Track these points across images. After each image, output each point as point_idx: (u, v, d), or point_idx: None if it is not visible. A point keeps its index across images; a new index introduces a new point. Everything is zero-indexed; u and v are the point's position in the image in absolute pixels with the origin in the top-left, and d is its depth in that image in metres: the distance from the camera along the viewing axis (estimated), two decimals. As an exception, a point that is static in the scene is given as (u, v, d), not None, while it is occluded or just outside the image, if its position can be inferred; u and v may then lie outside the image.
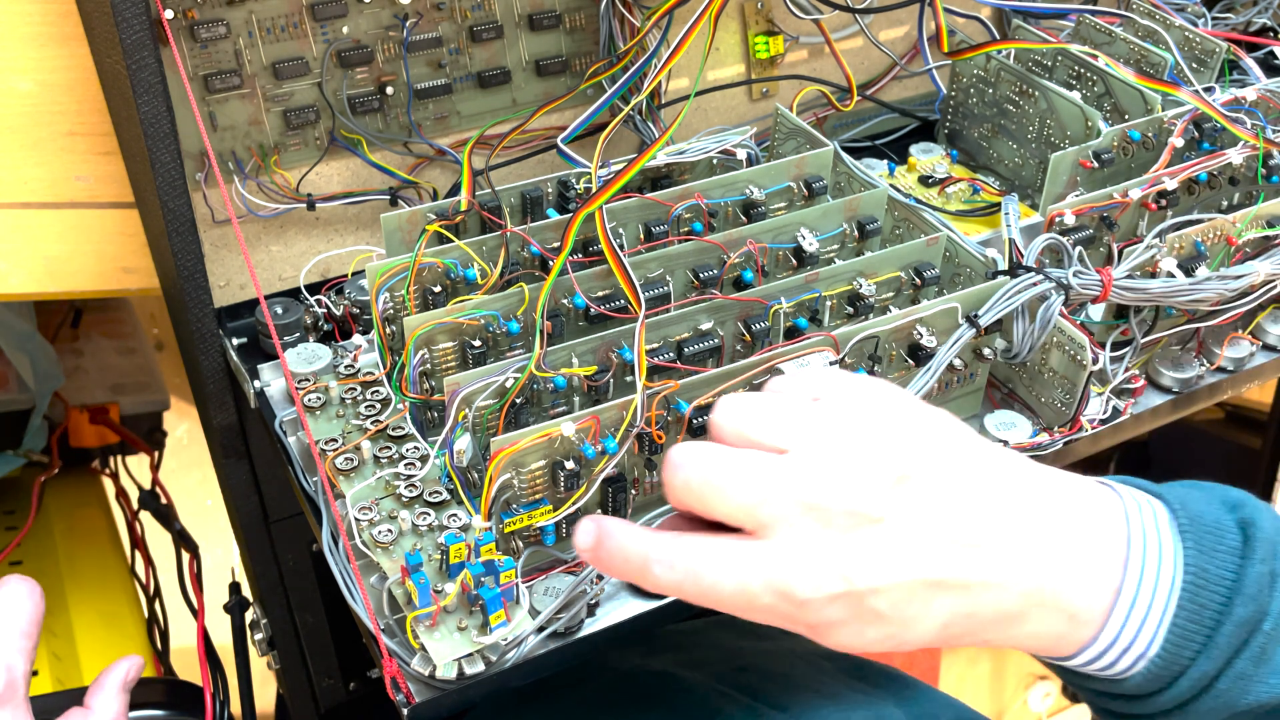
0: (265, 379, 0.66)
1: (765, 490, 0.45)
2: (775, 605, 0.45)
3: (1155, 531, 0.49)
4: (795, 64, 0.86)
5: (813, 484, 0.45)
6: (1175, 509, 0.49)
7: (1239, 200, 0.76)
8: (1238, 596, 0.47)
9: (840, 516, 0.45)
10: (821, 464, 0.45)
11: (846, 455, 0.46)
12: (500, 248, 0.63)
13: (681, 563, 0.46)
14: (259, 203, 0.71)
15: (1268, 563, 0.48)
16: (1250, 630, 0.48)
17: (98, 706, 0.61)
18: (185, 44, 0.66)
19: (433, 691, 0.51)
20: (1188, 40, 0.84)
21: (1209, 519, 0.49)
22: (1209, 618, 0.47)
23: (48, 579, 0.96)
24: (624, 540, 0.47)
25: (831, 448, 0.46)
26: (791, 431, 0.46)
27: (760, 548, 0.45)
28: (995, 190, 0.81)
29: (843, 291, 0.64)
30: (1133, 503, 0.50)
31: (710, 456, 0.46)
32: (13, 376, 1.06)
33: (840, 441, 0.46)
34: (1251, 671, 0.48)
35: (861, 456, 0.46)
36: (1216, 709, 0.48)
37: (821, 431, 0.46)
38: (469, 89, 0.75)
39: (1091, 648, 0.48)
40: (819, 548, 0.45)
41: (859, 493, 0.45)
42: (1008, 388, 0.68)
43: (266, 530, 0.78)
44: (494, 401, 0.56)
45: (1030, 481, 0.48)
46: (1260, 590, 0.48)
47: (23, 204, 0.75)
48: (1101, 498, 0.50)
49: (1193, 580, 0.48)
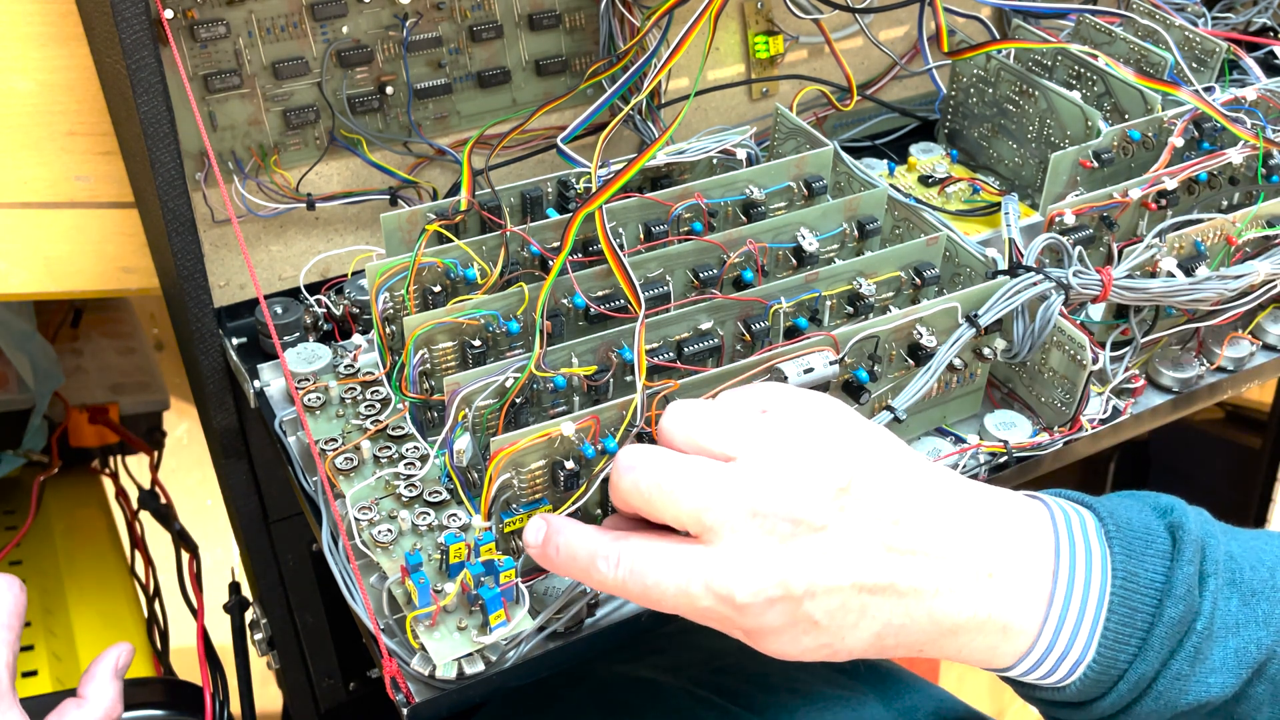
0: (265, 379, 0.66)
1: (711, 496, 0.46)
2: (714, 608, 0.47)
3: (1084, 540, 0.50)
4: (795, 64, 0.86)
5: (758, 491, 0.46)
6: (1103, 517, 0.51)
7: (1239, 200, 0.75)
8: (1168, 598, 0.49)
9: (783, 523, 0.46)
10: (767, 473, 0.47)
11: (791, 465, 0.47)
12: (500, 248, 0.63)
13: (626, 561, 0.47)
14: (259, 203, 0.71)
15: (1195, 564, 0.49)
16: (1183, 631, 0.49)
17: (92, 694, 0.61)
18: (185, 44, 0.66)
19: (433, 691, 0.51)
20: (1188, 40, 0.84)
21: (1137, 524, 0.51)
22: (1141, 621, 0.49)
23: (47, 579, 0.96)
24: (571, 538, 0.49)
25: (777, 457, 0.47)
26: (739, 440, 0.48)
27: (703, 552, 0.47)
28: (995, 190, 0.81)
29: (843, 291, 0.64)
30: (1060, 513, 0.51)
31: (660, 461, 0.48)
32: (13, 376, 1.06)
33: (786, 452, 0.47)
34: (1188, 671, 0.49)
35: (806, 467, 0.47)
36: (1158, 710, 0.49)
37: (768, 442, 0.48)
38: (469, 89, 0.75)
39: (1028, 658, 0.50)
40: (760, 553, 0.46)
41: (802, 501, 0.46)
42: (1008, 388, 0.68)
43: (266, 530, 0.78)
44: (494, 401, 0.56)
45: (963, 495, 0.50)
46: (1190, 591, 0.49)
47: (23, 204, 0.75)
48: (1030, 510, 0.51)
49: (1122, 585, 0.49)
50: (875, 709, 0.73)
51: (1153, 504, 0.52)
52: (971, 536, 0.49)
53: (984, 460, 0.63)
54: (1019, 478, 0.65)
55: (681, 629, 0.65)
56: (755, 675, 0.77)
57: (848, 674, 0.78)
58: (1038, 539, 0.50)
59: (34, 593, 0.94)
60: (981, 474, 0.63)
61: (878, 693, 0.76)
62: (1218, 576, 0.50)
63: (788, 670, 0.78)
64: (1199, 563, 0.50)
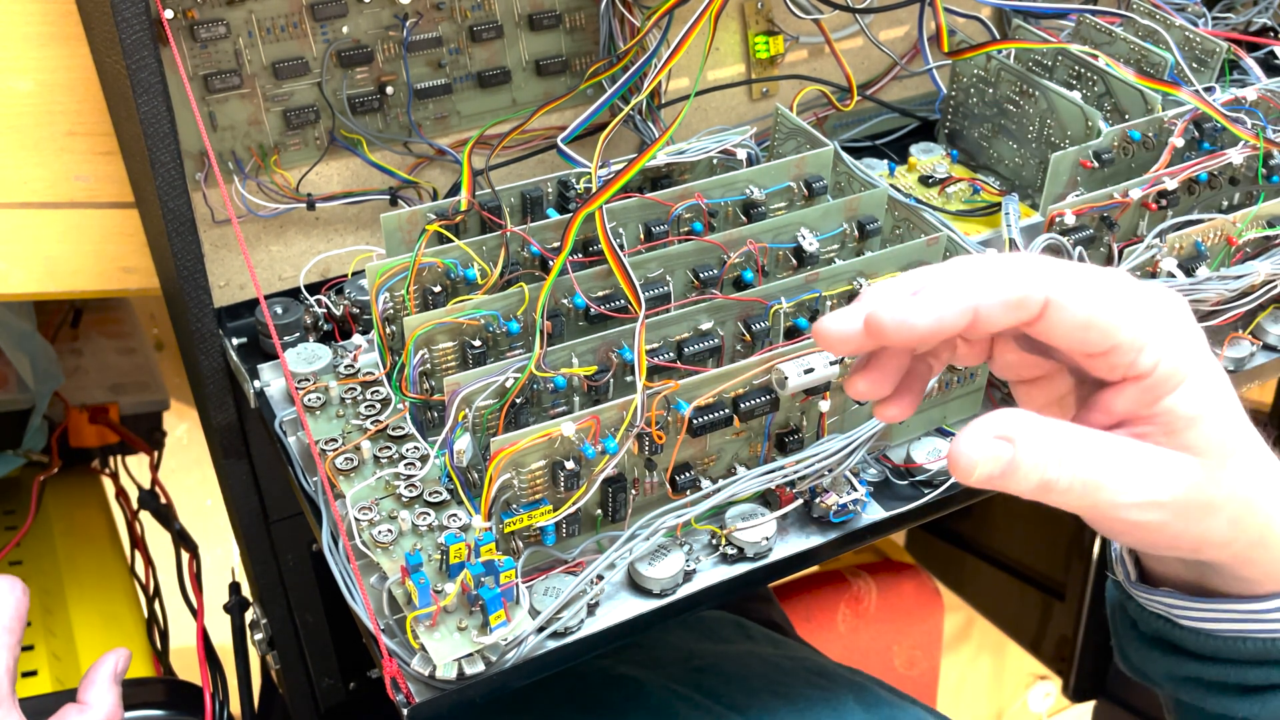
0: (265, 379, 0.66)
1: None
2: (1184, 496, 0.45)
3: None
4: (795, 64, 0.86)
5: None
6: None
7: (1239, 200, 0.75)
8: None
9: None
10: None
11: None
12: (500, 248, 0.63)
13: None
14: (259, 203, 0.71)
15: None
16: None
17: (92, 700, 0.61)
18: (185, 44, 0.66)
19: (433, 691, 0.51)
20: (1188, 40, 0.84)
21: None
22: None
23: (47, 579, 0.96)
24: (1049, 434, 0.43)
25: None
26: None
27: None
28: (995, 190, 0.81)
29: (843, 291, 0.64)
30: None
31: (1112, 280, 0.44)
32: (13, 376, 1.06)
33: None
34: None
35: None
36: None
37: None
38: (469, 89, 0.75)
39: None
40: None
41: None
42: (1008, 388, 0.68)
43: (266, 530, 0.78)
44: (494, 401, 0.56)
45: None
46: None
47: (23, 204, 0.75)
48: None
49: None
50: (857, 714, 0.73)
51: None
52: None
53: (984, 460, 0.63)
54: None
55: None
56: (735, 676, 0.77)
57: (827, 677, 0.78)
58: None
59: (34, 593, 0.94)
60: (981, 474, 0.63)
61: (859, 699, 0.76)
62: None
63: (768, 672, 0.78)
64: None
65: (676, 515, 0.55)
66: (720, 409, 0.57)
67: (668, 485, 0.58)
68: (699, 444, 0.59)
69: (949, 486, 0.62)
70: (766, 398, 0.57)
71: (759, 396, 0.57)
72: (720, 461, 0.60)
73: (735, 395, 0.57)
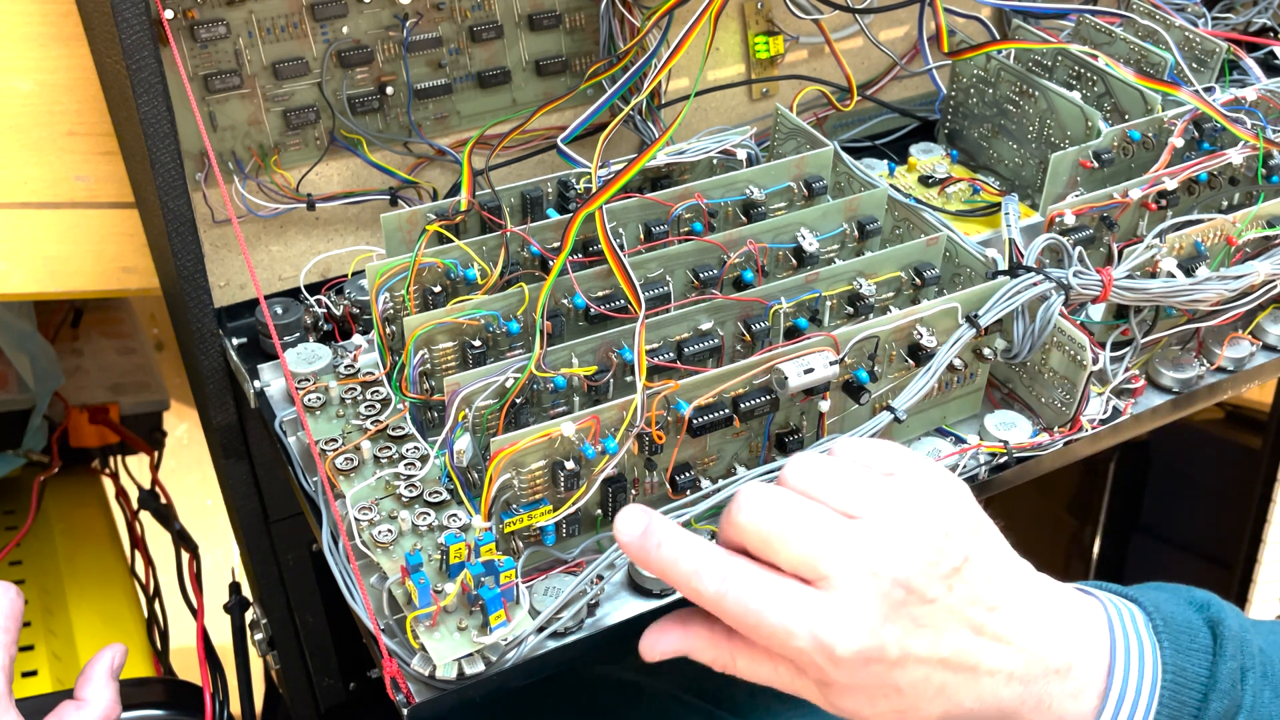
0: (265, 379, 0.66)
1: (833, 546, 0.47)
2: (809, 652, 0.47)
3: (1136, 635, 0.52)
4: (795, 64, 0.86)
5: (880, 553, 0.47)
6: (1150, 612, 0.53)
7: (1239, 200, 0.76)
8: (1213, 692, 0.51)
9: (897, 589, 0.47)
10: (891, 537, 0.48)
11: (915, 534, 0.48)
12: (500, 248, 0.63)
13: (734, 581, 0.48)
14: (259, 203, 0.71)
15: (1236, 659, 0.52)
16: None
17: (90, 696, 0.61)
18: (185, 44, 0.66)
19: (433, 691, 0.51)
20: (1188, 40, 0.84)
21: (1180, 620, 0.53)
22: (1188, 715, 0.51)
23: (48, 579, 0.96)
24: (679, 541, 0.49)
25: (902, 524, 0.48)
26: (866, 500, 0.49)
27: (815, 595, 0.47)
28: (995, 190, 0.81)
29: (843, 291, 0.64)
30: (1113, 609, 0.53)
31: (785, 502, 0.49)
32: (13, 376, 1.06)
33: (910, 520, 0.48)
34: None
35: (928, 539, 0.48)
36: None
37: (894, 507, 0.49)
38: (469, 89, 0.75)
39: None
40: (871, 612, 0.47)
41: (919, 572, 0.48)
42: (1008, 388, 0.68)
43: (266, 530, 0.78)
44: (494, 401, 0.56)
45: (1041, 590, 0.52)
46: (1233, 685, 0.51)
47: (23, 204, 0.75)
48: (1088, 607, 0.53)
49: (1172, 680, 0.51)
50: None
51: (1189, 598, 0.55)
52: (1046, 631, 0.51)
53: (984, 461, 0.63)
54: (1019, 478, 0.65)
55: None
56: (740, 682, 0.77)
57: None
58: (1096, 635, 0.52)
59: (34, 593, 0.94)
60: (982, 474, 0.63)
61: None
62: (1255, 671, 0.52)
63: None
64: (1240, 657, 0.52)
65: (676, 515, 0.55)
66: (720, 409, 0.57)
67: (668, 485, 0.58)
68: (699, 444, 0.59)
69: (949, 486, 0.62)
70: (766, 398, 0.57)
71: (759, 396, 0.57)
72: (720, 461, 0.60)
73: (735, 395, 0.57)
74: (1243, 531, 1.22)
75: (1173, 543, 1.42)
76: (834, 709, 0.50)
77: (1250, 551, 1.22)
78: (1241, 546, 1.23)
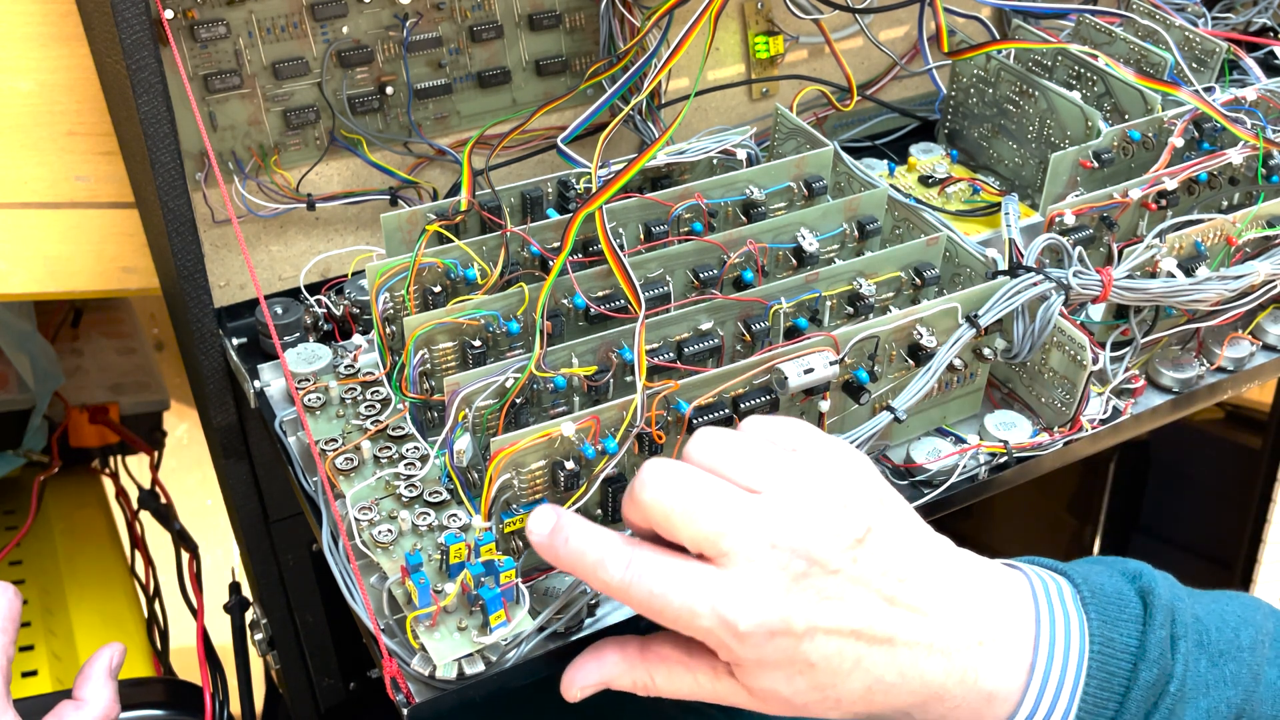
0: (265, 379, 0.66)
1: (733, 521, 0.47)
2: (715, 630, 0.47)
3: (1062, 608, 0.52)
4: (795, 64, 0.86)
5: (780, 526, 0.47)
6: (1078, 583, 0.53)
7: (1239, 200, 0.76)
8: (1142, 662, 0.50)
9: (798, 560, 0.47)
10: (791, 509, 0.48)
11: (816, 506, 0.48)
12: (500, 248, 0.63)
13: (636, 567, 0.48)
14: (259, 203, 0.71)
15: (1166, 627, 0.51)
16: (1158, 693, 0.50)
17: (88, 696, 0.61)
18: (185, 44, 0.66)
19: (433, 691, 0.51)
20: (1188, 40, 0.84)
21: (1110, 590, 0.52)
22: (1118, 685, 0.50)
23: (48, 579, 0.96)
24: (583, 534, 0.49)
25: (803, 497, 0.48)
26: (767, 474, 0.49)
27: (715, 574, 0.47)
28: (995, 190, 0.81)
29: (843, 291, 0.64)
30: (1039, 581, 0.53)
31: (686, 478, 0.48)
32: (13, 376, 1.06)
33: (811, 492, 0.48)
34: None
35: (829, 510, 0.48)
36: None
37: (795, 480, 0.49)
38: (469, 89, 0.75)
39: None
40: (771, 585, 0.47)
41: (821, 543, 0.47)
42: (1008, 388, 0.68)
43: (266, 530, 0.78)
44: (494, 401, 0.56)
45: (958, 562, 0.52)
46: (1162, 654, 0.51)
47: (23, 204, 0.75)
48: (1011, 580, 0.53)
49: (1099, 650, 0.51)
50: None
51: (1121, 569, 0.54)
52: (965, 603, 0.50)
53: (984, 460, 0.63)
54: (1019, 478, 0.65)
55: (649, 628, 0.65)
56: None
57: None
58: (1020, 608, 0.52)
59: (34, 593, 0.94)
60: (982, 474, 0.63)
61: None
62: (1187, 639, 0.52)
63: None
64: (1170, 626, 0.51)
65: (676, 515, 0.55)
66: (720, 409, 0.57)
67: (668, 485, 0.58)
68: (699, 444, 0.59)
69: (949, 486, 0.62)
70: (766, 398, 0.57)
71: (759, 396, 0.57)
72: (720, 461, 0.60)
73: (735, 395, 0.57)
74: (1243, 531, 1.22)
75: (1173, 543, 1.42)
76: (756, 697, 0.49)
77: (1250, 551, 1.22)
78: (1241, 546, 1.23)
